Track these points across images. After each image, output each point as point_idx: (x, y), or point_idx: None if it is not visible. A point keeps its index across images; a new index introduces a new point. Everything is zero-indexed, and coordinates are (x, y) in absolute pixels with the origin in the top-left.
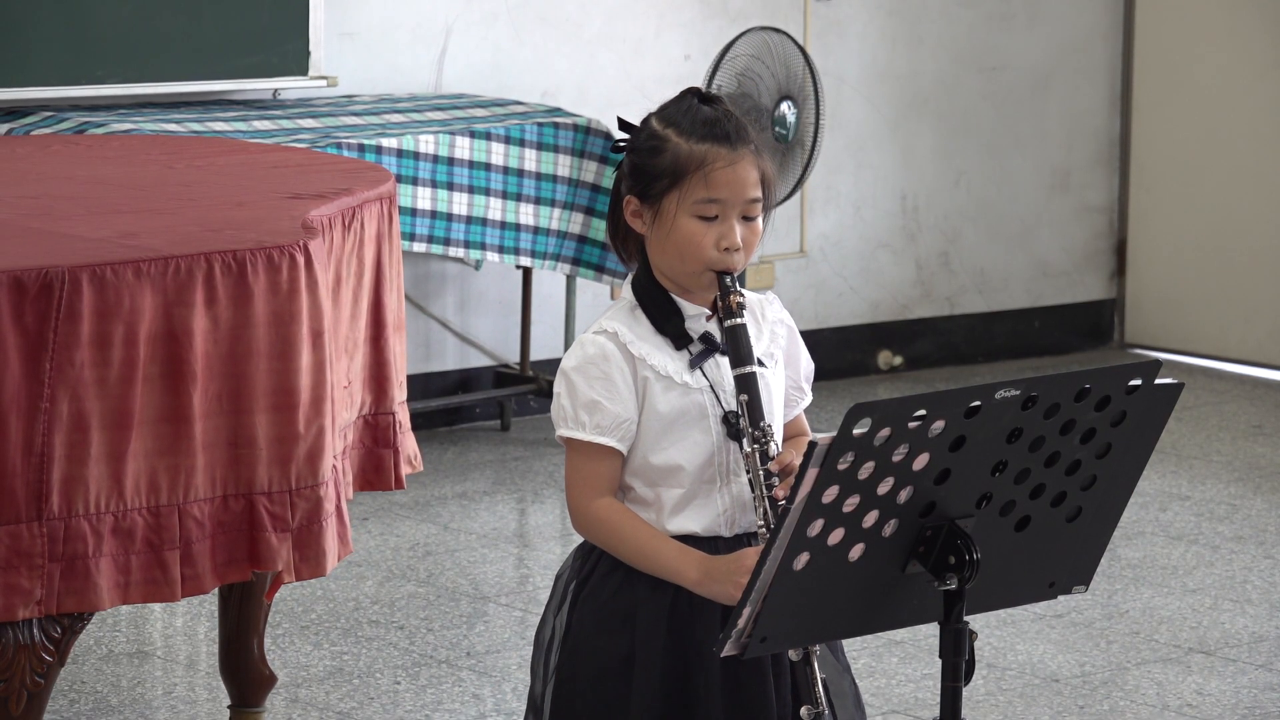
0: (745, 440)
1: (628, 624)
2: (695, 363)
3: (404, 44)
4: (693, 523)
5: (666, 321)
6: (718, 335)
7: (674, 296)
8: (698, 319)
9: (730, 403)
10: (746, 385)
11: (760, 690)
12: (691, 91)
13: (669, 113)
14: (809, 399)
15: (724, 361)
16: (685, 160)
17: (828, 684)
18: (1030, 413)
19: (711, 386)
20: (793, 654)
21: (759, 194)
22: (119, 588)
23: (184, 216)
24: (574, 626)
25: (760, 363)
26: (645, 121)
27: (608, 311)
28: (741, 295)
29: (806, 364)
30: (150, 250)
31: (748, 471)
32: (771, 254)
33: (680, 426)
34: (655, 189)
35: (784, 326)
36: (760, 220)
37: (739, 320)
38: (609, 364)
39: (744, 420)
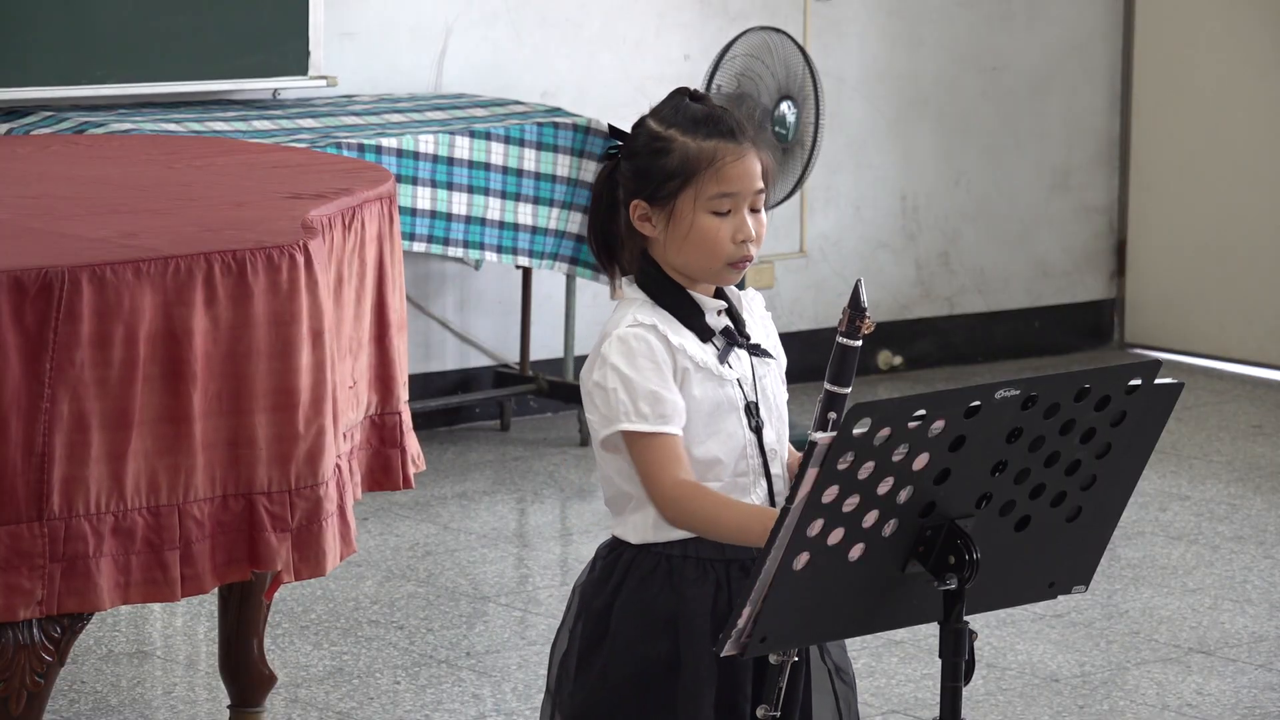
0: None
1: (670, 628)
2: (723, 356)
3: (404, 44)
4: None
5: (690, 317)
6: (730, 324)
7: (691, 293)
8: (712, 313)
9: (752, 395)
10: (837, 405)
11: (805, 695)
12: (681, 91)
13: (665, 113)
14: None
15: (743, 354)
16: (696, 158)
17: (839, 670)
18: (1030, 413)
19: (739, 379)
20: (773, 657)
21: (763, 184)
22: (119, 588)
23: (184, 216)
24: (612, 630)
25: (768, 354)
26: (641, 124)
27: (631, 309)
28: (872, 321)
29: (784, 356)
30: (150, 250)
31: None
32: (771, 254)
33: (717, 418)
34: (666, 190)
35: (770, 323)
36: (764, 212)
37: (857, 343)
38: (655, 354)
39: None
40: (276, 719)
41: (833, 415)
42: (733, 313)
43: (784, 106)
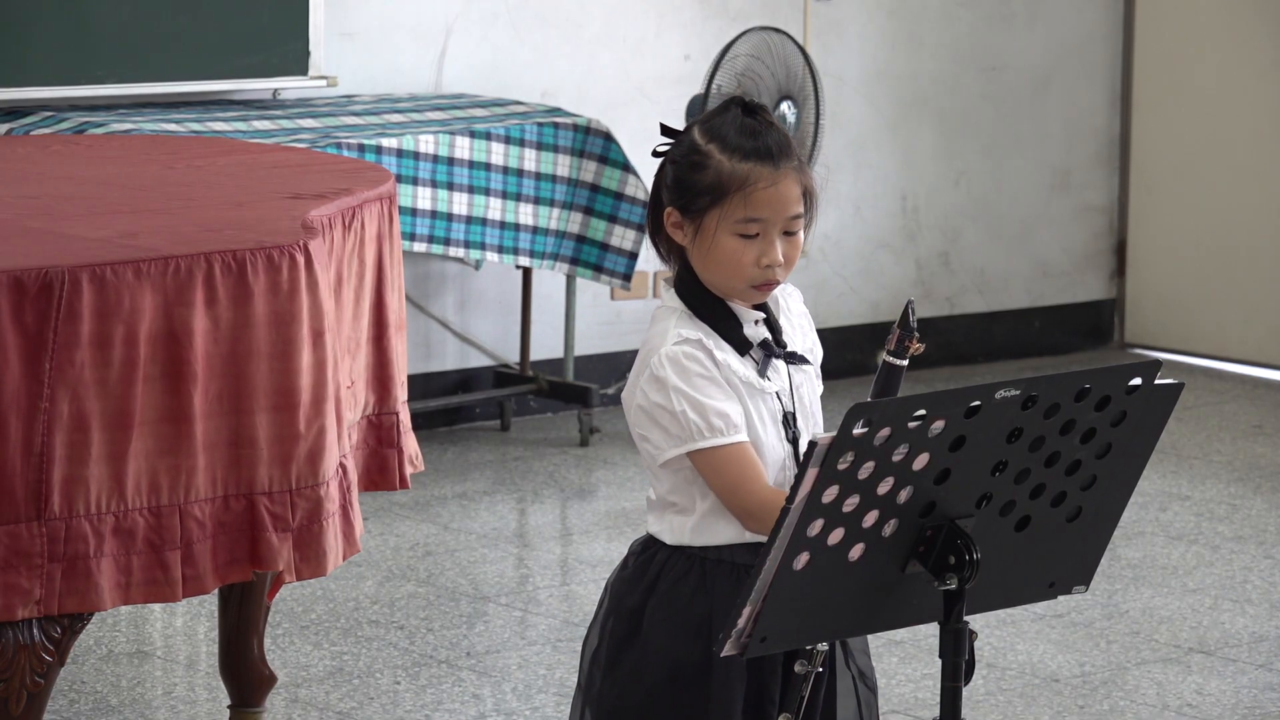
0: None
1: (702, 632)
2: (762, 369)
3: (404, 44)
4: None
5: (729, 330)
6: (768, 334)
7: (729, 304)
8: (750, 323)
9: (789, 405)
10: None
11: (828, 700)
12: (735, 101)
13: (713, 125)
14: (821, 386)
15: (780, 364)
16: (728, 180)
17: (862, 675)
18: (1030, 413)
19: (777, 392)
20: (798, 667)
21: (801, 210)
22: (120, 588)
23: (184, 216)
24: (644, 630)
25: (805, 359)
26: (688, 131)
27: (671, 322)
28: (921, 343)
29: (820, 350)
30: (150, 250)
31: None
32: None
33: (759, 433)
34: (697, 205)
35: (807, 320)
36: (801, 234)
37: (903, 363)
38: (709, 370)
39: None
40: (276, 719)
41: None
42: (770, 320)
43: (784, 106)
